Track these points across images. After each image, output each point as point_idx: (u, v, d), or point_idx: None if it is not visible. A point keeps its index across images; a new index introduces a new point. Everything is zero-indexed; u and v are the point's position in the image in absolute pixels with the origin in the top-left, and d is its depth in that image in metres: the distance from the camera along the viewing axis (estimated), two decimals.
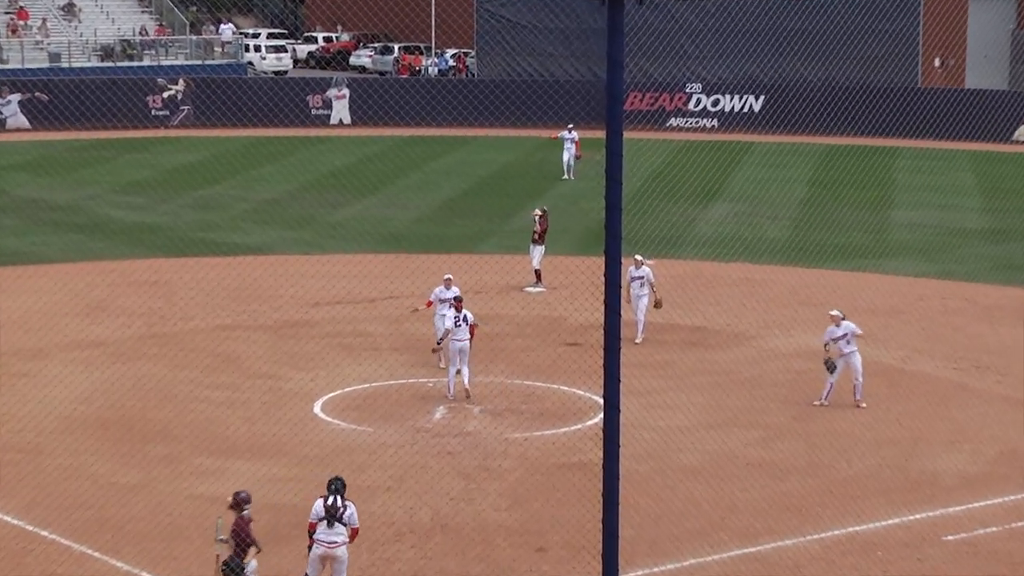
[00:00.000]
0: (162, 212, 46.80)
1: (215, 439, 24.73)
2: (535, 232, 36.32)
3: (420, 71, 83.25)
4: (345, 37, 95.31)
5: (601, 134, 12.13)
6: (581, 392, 26.99)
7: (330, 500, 17.69)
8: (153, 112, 65.92)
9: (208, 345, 30.71)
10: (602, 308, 11.90)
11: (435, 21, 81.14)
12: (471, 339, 26.86)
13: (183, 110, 66.34)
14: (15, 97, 63.81)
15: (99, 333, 31.43)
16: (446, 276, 28.66)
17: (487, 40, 73.79)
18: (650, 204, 43.45)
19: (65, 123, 62.67)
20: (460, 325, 26.71)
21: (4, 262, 38.18)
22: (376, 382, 28.03)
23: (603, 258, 11.85)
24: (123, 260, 38.95)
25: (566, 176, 53.55)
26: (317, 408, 26.59)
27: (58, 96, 63.97)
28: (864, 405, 26.48)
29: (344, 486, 17.91)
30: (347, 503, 17.75)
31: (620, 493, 12.94)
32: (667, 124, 66.48)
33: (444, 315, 27.62)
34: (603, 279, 12.11)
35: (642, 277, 30.93)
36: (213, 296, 34.67)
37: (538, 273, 36.28)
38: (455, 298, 27.49)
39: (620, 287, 12.68)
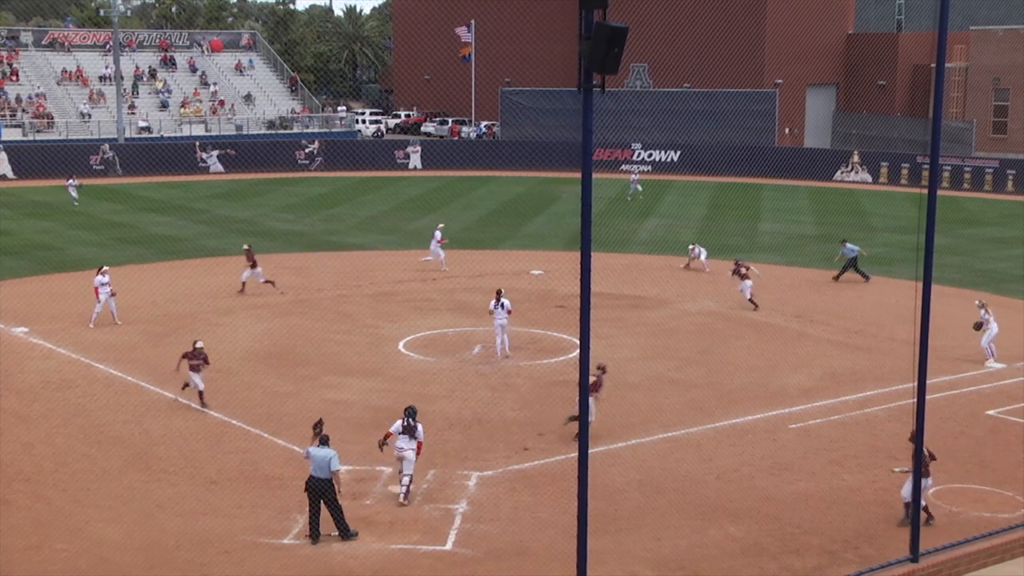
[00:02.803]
0: (304, 224, 46.91)
1: (339, 365, 24.83)
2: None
3: (459, 135, 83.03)
4: (418, 114, 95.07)
5: (578, 175, 12.12)
6: (565, 336, 27.04)
7: (407, 421, 17.34)
8: (299, 162, 65.86)
9: (333, 306, 30.83)
10: (578, 283, 11.90)
11: (474, 103, 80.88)
12: (508, 317, 25.49)
13: (317, 160, 66.28)
14: (215, 152, 63.82)
15: (266, 299, 31.54)
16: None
17: (507, 115, 73.55)
18: (609, 219, 43.43)
19: (245, 169, 62.80)
20: (498, 309, 25.48)
21: (208, 255, 38.35)
22: (437, 330, 28.09)
23: (579, 252, 11.87)
24: (280, 254, 39.00)
25: (630, 199, 53.09)
26: (401, 346, 26.66)
27: (241, 152, 64.01)
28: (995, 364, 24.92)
29: (416, 412, 17.50)
30: (417, 423, 17.32)
31: (589, 400, 12.98)
32: (619, 168, 66.30)
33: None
34: (579, 266, 12.15)
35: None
36: (336, 276, 34.77)
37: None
38: (497, 291, 26.07)
39: (590, 271, 12.66)
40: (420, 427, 17.43)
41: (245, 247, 32.66)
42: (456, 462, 18.86)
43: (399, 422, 17.47)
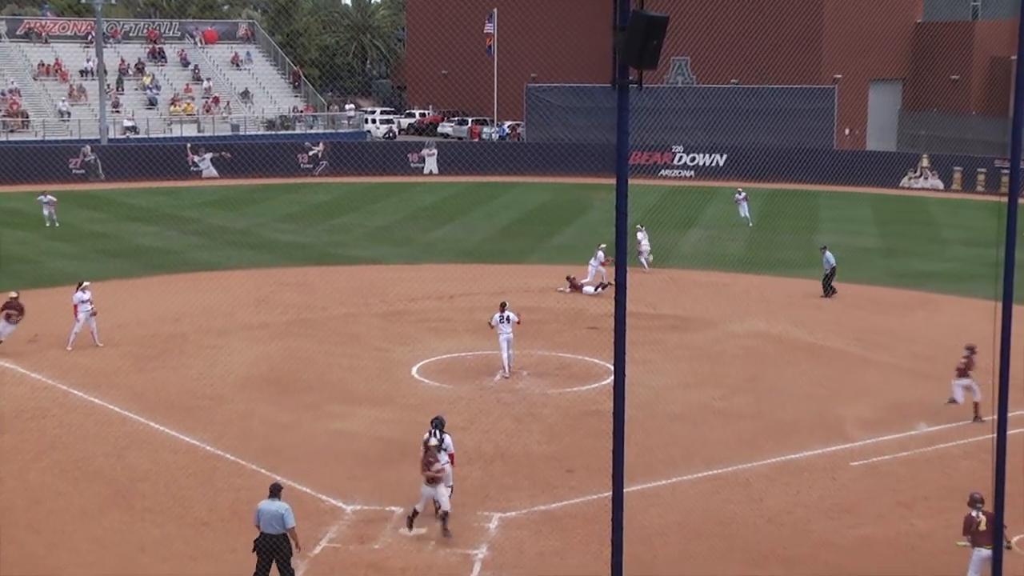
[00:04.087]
0: (307, 234, 47.09)
1: (344, 392, 24.88)
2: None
3: (480, 136, 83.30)
4: (434, 113, 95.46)
5: (613, 181, 12.09)
6: (598, 361, 26.99)
7: (436, 435, 17.70)
8: (301, 165, 66.19)
9: (338, 327, 30.90)
10: (612, 302, 11.84)
11: (496, 101, 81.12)
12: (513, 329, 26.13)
13: (322, 164, 66.58)
14: (208, 155, 64.24)
15: (264, 319, 31.67)
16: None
17: (533, 115, 73.72)
18: (647, 230, 43.41)
19: (242, 173, 63.14)
20: (503, 323, 26.16)
21: (200, 269, 38.56)
22: (455, 353, 28.10)
23: (614, 267, 11.82)
24: (280, 268, 39.17)
25: (751, 224, 48.54)
26: (414, 371, 26.69)
27: (237, 154, 64.38)
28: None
29: (443, 423, 17.99)
30: (445, 435, 17.81)
31: (624, 432, 12.93)
32: (659, 174, 66.27)
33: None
34: (614, 282, 12.10)
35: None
36: (342, 293, 34.87)
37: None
38: (500, 304, 26.84)
39: (626, 288, 12.61)
40: (449, 438, 17.88)
41: (13, 294, 28.34)
42: (476, 502, 18.82)
43: (427, 436, 17.80)
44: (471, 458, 20.65)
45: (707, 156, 67.56)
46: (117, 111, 70.54)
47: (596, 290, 34.98)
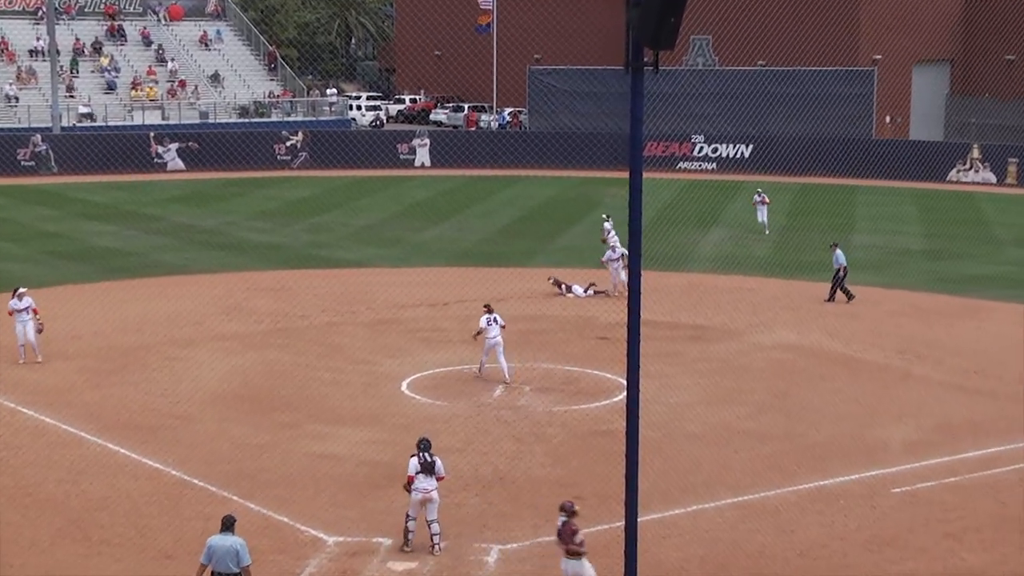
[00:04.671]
0: (284, 234, 47.11)
1: (325, 410, 24.86)
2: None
3: (477, 125, 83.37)
4: (426, 99, 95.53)
5: (626, 175, 12.12)
6: (608, 375, 26.98)
7: (423, 457, 17.85)
8: (278, 157, 66.27)
9: (319, 337, 30.90)
10: (625, 310, 11.87)
11: (496, 86, 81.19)
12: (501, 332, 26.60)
13: (301, 155, 66.67)
14: (174, 146, 64.35)
15: (236, 328, 31.67)
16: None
17: (537, 101, 73.83)
18: (664, 229, 43.41)
19: (211, 166, 63.28)
20: (491, 325, 26.57)
21: (164, 273, 38.58)
22: (449, 367, 28.09)
23: (627, 271, 11.83)
24: (254, 271, 39.15)
25: (767, 232, 47.20)
26: (404, 387, 26.68)
27: (206, 145, 64.49)
28: None
29: (430, 444, 18.11)
30: (435, 457, 17.96)
31: (639, 454, 12.94)
32: (677, 167, 66.33)
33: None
34: (626, 288, 12.12)
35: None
36: (323, 299, 34.87)
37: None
38: (485, 305, 27.27)
39: (640, 294, 12.61)
40: (439, 461, 18.00)
41: None
42: (472, 532, 18.81)
43: (414, 460, 17.87)
44: (467, 483, 20.64)
45: (731, 147, 67.64)
46: (71, 96, 70.62)
47: (586, 291, 35.33)
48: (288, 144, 66.61)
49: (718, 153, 67.87)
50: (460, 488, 20.35)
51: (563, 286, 35.98)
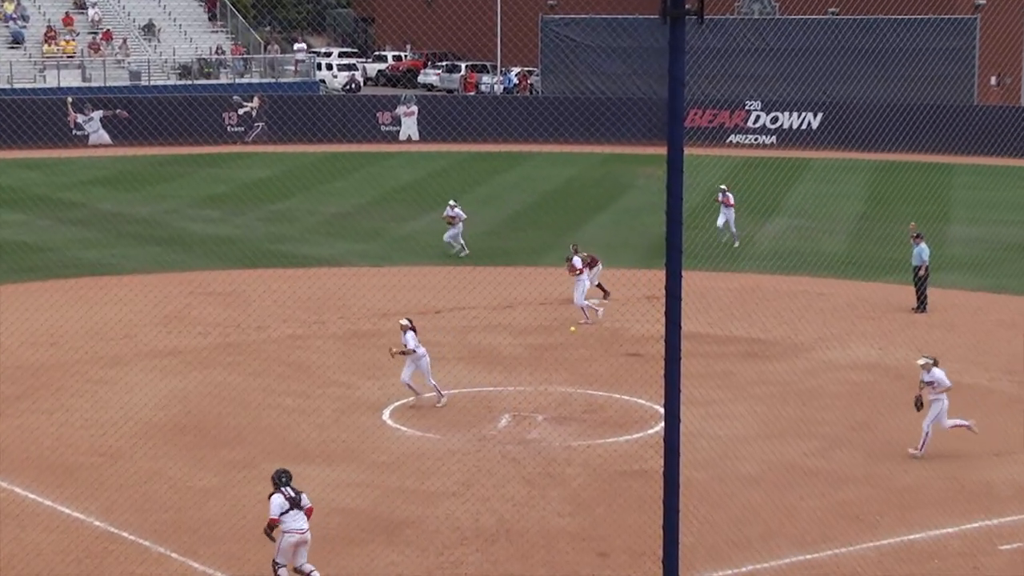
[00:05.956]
0: (236, 225, 47.13)
1: (288, 445, 24.83)
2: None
3: (477, 88, 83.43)
4: (413, 56, 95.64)
5: (663, 150, 12.12)
6: (642, 401, 26.96)
7: (288, 492, 18.35)
8: (229, 128, 66.42)
9: (280, 354, 30.91)
10: (662, 320, 11.86)
11: (500, 40, 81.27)
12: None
13: (257, 127, 66.79)
14: (97, 114, 64.47)
15: (176, 342, 31.68)
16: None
17: (551, 59, 73.86)
18: (710, 218, 43.43)
19: (144, 139, 63.39)
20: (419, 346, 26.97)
21: (86, 273, 38.62)
22: (443, 391, 28.07)
23: (663, 271, 11.82)
24: (199, 271, 39.22)
25: (737, 243, 44.54)
26: (386, 415, 26.68)
27: (138, 113, 64.62)
28: (916, 453, 24.51)
29: (291, 476, 18.68)
30: (299, 491, 18.58)
31: (680, 500, 12.93)
32: (727, 141, 66.36)
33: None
34: (664, 292, 12.11)
35: None
36: (285, 306, 34.88)
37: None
38: (406, 321, 27.52)
39: (681, 300, 12.61)
40: (303, 494, 18.62)
41: None
42: None
43: (278, 497, 18.37)
44: (465, 536, 20.64)
45: (794, 115, 67.65)
46: None
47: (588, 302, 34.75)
48: (241, 112, 66.75)
49: (778, 124, 67.85)
50: (456, 543, 20.34)
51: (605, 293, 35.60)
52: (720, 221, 44.39)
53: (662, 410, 13.23)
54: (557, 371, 29.34)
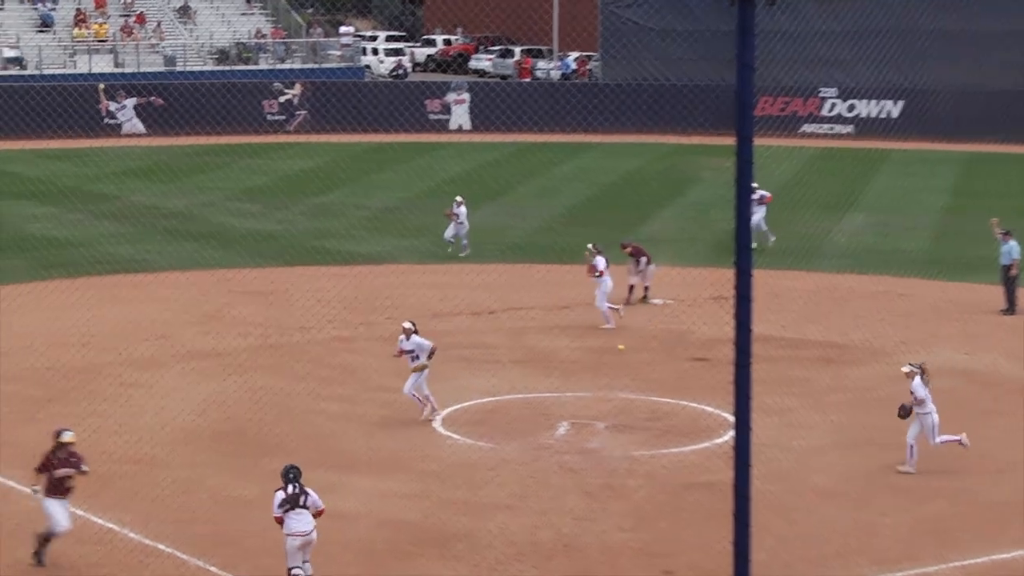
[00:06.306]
0: (277, 220, 47.30)
1: (333, 453, 24.91)
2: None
3: (532, 75, 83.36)
4: (464, 40, 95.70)
5: (731, 141, 12.12)
6: (709, 409, 26.91)
7: (290, 489, 18.50)
8: (269, 117, 66.67)
9: (325, 356, 30.98)
10: (731, 321, 11.84)
11: (558, 24, 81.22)
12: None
13: (299, 115, 67.01)
14: (130, 102, 64.78)
15: (214, 344, 31.80)
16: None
17: (612, 43, 73.70)
18: (782, 214, 43.27)
19: (180, 128, 63.66)
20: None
21: (118, 270, 38.82)
22: (497, 396, 28.09)
23: (733, 270, 11.81)
24: (238, 269, 39.30)
25: (771, 240, 43.28)
26: (437, 423, 26.73)
27: (173, 100, 64.92)
28: (907, 469, 24.13)
29: (300, 473, 18.75)
30: (306, 489, 18.61)
31: (751, 514, 12.90)
32: (800, 130, 66.05)
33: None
34: (733, 292, 12.07)
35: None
36: (330, 306, 34.90)
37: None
38: (410, 325, 27.01)
39: (751, 300, 12.56)
40: (312, 492, 18.67)
41: None
42: None
43: (279, 494, 18.53)
44: (521, 551, 20.66)
45: (873, 104, 67.31)
46: None
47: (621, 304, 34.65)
48: (282, 100, 67.01)
49: (856, 112, 67.54)
50: (511, 558, 20.38)
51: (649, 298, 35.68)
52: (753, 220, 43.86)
53: (731, 418, 13.19)
54: (618, 376, 29.30)
